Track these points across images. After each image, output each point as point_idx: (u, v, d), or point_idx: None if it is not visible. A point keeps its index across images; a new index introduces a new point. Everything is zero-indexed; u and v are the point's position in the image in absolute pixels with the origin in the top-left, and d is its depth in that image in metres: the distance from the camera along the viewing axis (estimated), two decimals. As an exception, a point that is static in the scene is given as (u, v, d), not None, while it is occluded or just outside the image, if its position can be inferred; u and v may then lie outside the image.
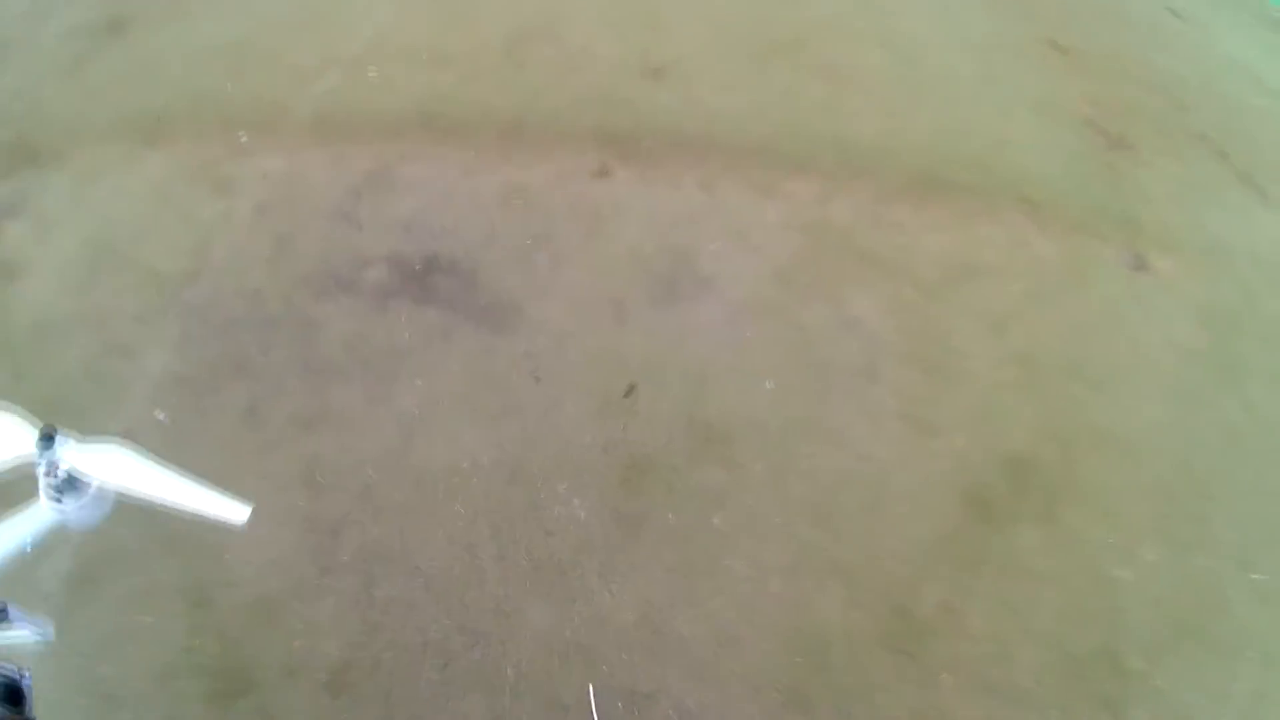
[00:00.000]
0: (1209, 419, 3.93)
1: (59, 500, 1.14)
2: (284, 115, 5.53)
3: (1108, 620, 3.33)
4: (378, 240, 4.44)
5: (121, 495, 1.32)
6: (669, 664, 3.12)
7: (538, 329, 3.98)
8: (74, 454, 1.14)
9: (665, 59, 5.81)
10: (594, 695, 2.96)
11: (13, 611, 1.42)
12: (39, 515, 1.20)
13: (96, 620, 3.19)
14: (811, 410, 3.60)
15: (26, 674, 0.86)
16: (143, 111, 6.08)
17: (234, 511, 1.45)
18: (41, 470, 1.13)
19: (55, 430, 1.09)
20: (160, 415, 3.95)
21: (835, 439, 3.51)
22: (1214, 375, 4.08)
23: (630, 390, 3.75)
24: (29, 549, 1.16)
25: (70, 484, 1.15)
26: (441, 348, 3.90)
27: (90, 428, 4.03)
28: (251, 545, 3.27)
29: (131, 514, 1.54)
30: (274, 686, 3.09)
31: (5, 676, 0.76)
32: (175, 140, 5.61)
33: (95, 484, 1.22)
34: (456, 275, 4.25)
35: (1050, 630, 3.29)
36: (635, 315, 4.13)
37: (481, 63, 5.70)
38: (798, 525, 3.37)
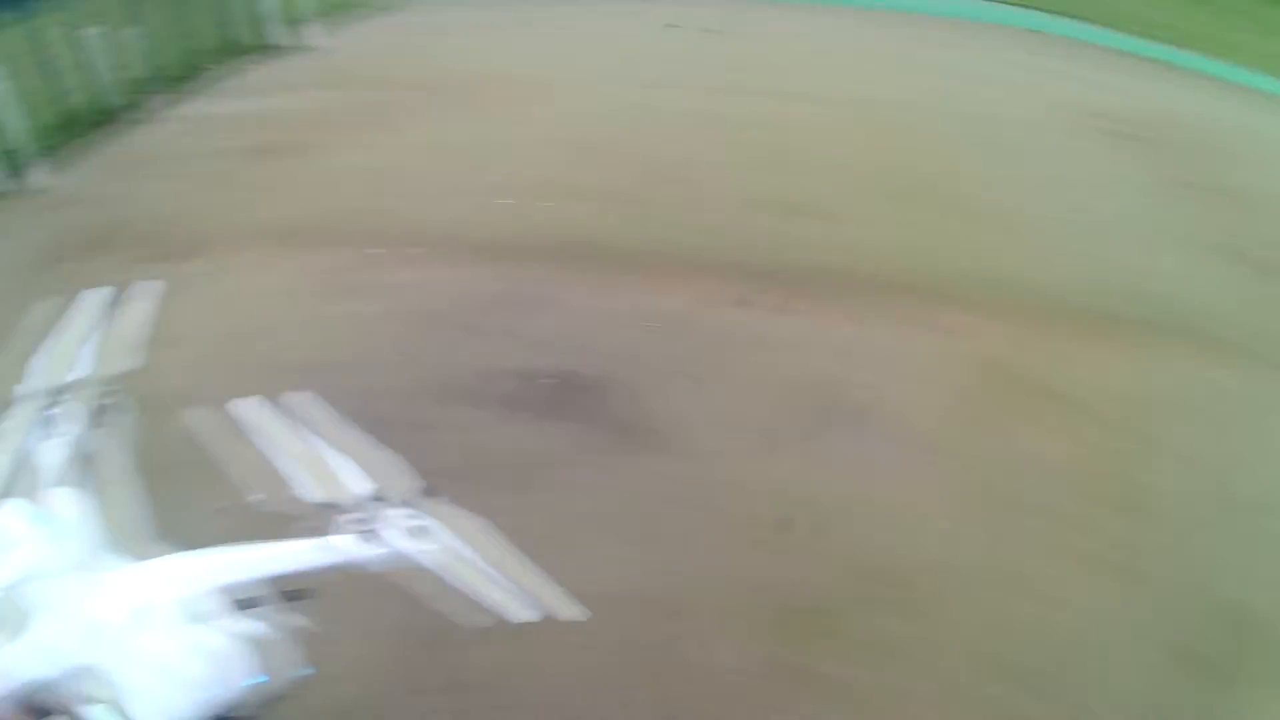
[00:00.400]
0: None
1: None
2: (415, 233, 5.53)
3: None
4: (506, 354, 4.25)
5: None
6: None
7: (681, 452, 3.64)
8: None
9: (801, 197, 5.85)
10: None
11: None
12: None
13: None
14: (994, 553, 3.12)
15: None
16: (279, 222, 6.17)
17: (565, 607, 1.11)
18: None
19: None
20: (261, 495, 3.66)
21: (1023, 585, 3.02)
22: None
23: (786, 523, 3.32)
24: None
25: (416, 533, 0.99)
26: (572, 464, 3.56)
27: (194, 499, 3.81)
28: (341, 650, 2.82)
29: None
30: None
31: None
32: (308, 249, 5.62)
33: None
34: (592, 393, 3.99)
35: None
36: (787, 444, 3.75)
37: (615, 197, 5.73)
38: (989, 683, 2.82)
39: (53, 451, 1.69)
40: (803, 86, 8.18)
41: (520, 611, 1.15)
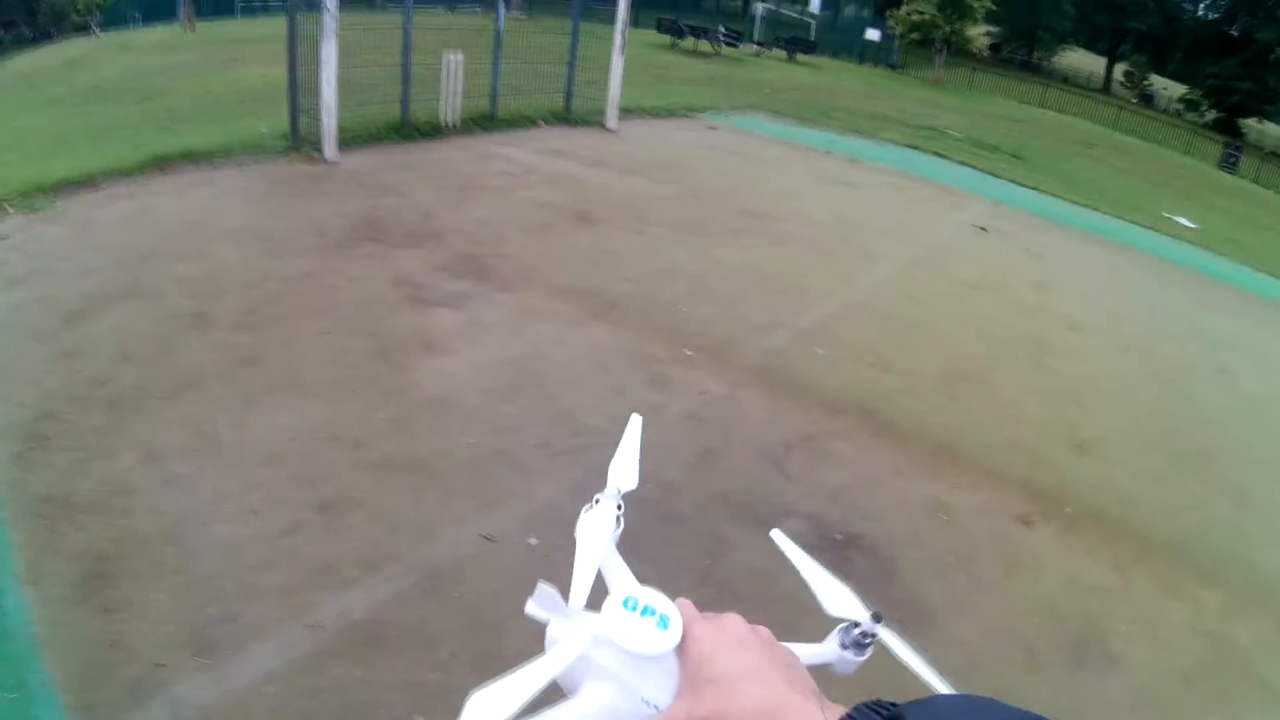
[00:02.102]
0: None
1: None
2: (730, 351, 5.82)
3: None
4: (802, 496, 4.38)
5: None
6: None
7: (949, 644, 3.64)
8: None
9: (1088, 436, 5.78)
10: None
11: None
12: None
13: None
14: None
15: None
16: (597, 289, 6.68)
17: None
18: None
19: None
20: (533, 540, 3.94)
21: None
22: None
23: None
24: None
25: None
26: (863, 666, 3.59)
27: (455, 506, 4.19)
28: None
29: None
30: None
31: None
32: (623, 324, 6.04)
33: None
34: (875, 561, 4.04)
35: None
36: (1045, 669, 3.72)
37: (920, 383, 5.84)
38: None
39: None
40: (1098, 322, 8.09)
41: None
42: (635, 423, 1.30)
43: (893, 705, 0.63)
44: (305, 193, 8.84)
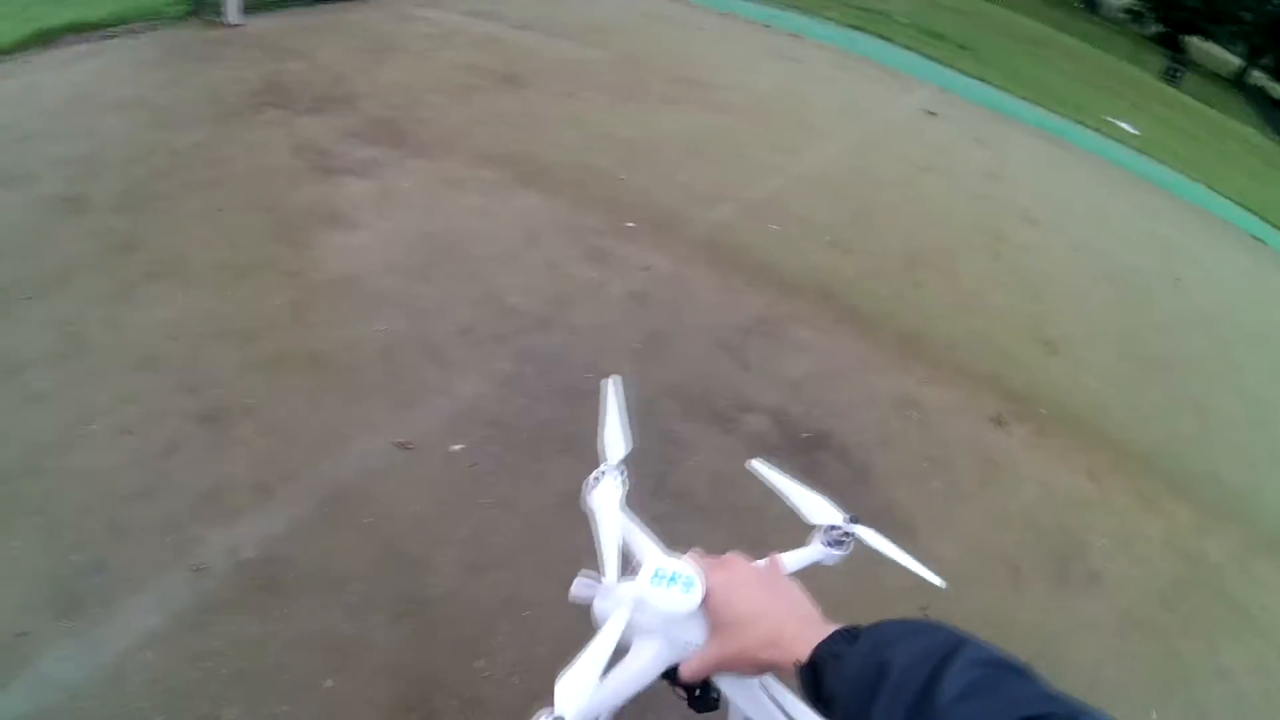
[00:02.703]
0: None
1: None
2: (675, 223, 5.14)
3: None
4: (763, 389, 3.83)
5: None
6: None
7: (932, 560, 3.09)
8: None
9: (1054, 334, 5.42)
10: None
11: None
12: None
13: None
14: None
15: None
16: (524, 156, 5.86)
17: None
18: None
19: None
20: (456, 447, 3.27)
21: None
22: None
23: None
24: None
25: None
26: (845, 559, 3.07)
27: (364, 409, 3.47)
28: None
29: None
30: None
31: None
32: (556, 193, 5.28)
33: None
34: (848, 464, 3.55)
35: None
36: (1029, 588, 3.36)
37: (881, 266, 5.30)
38: None
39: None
40: (1051, 218, 7.76)
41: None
42: (613, 385, 1.45)
43: (856, 628, 0.82)
44: (203, 58, 7.73)
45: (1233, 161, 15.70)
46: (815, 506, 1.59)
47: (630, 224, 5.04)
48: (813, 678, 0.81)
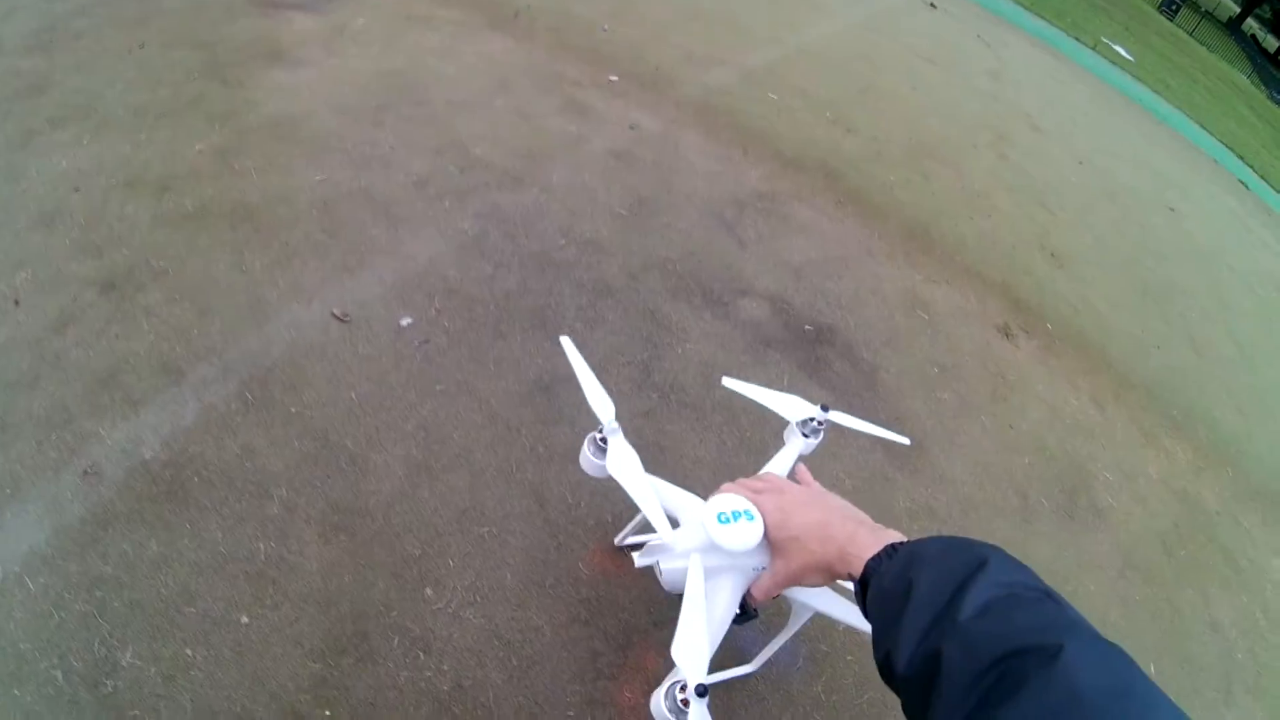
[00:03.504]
0: None
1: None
2: (664, 82, 4.53)
3: None
4: (760, 270, 3.35)
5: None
6: None
7: (939, 479, 2.84)
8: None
9: (1060, 247, 5.00)
10: None
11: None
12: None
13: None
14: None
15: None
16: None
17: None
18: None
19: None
20: (406, 321, 2.73)
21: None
22: None
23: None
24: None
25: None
26: (826, 447, 2.64)
27: (296, 272, 2.90)
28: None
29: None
30: None
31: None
32: (530, 39, 4.61)
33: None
34: (855, 366, 3.11)
35: None
36: (1038, 519, 3.01)
37: (885, 151, 4.77)
38: None
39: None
40: (1054, 127, 7.32)
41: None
42: (568, 343, 1.72)
43: (899, 545, 0.87)
44: None
45: (1222, 103, 15.44)
46: (792, 405, 1.89)
47: (614, 78, 4.43)
48: (861, 591, 0.86)
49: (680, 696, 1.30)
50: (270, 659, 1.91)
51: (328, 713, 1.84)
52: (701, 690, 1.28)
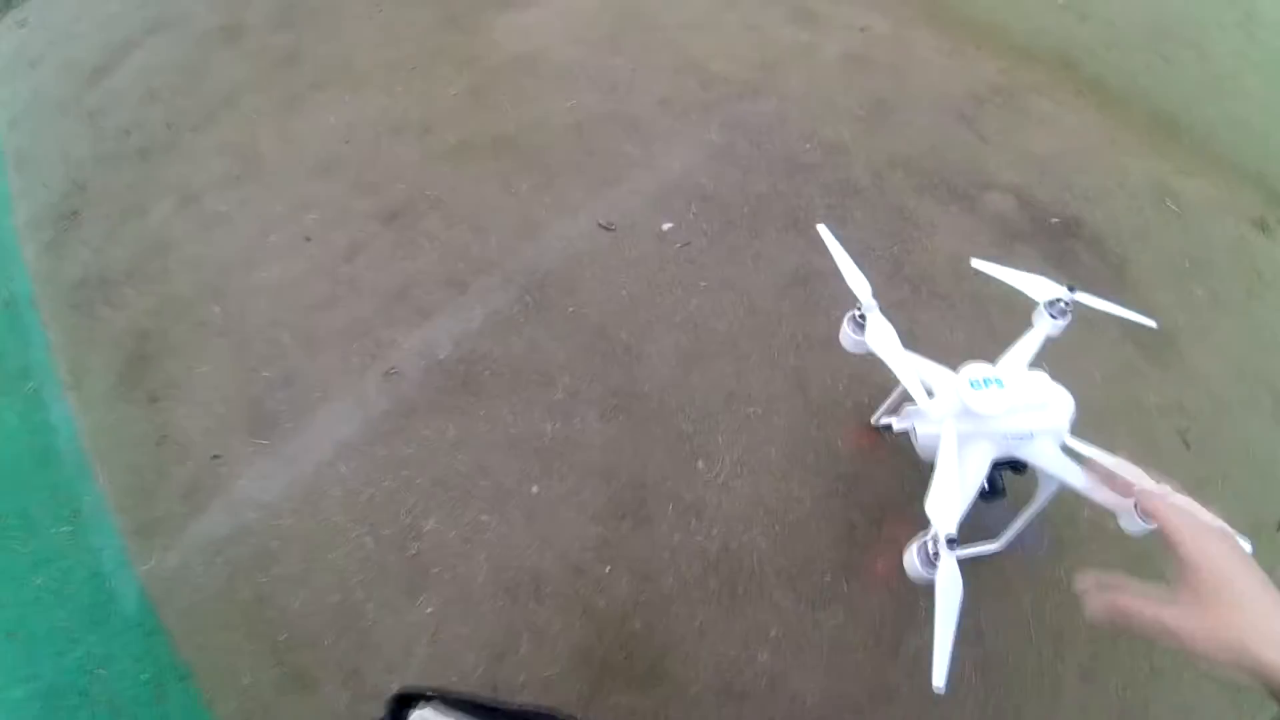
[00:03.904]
0: None
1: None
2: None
3: None
4: (1004, 164, 3.28)
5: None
6: None
7: (1191, 378, 2.73)
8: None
9: None
10: None
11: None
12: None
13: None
14: None
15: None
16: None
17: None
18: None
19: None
20: (667, 226, 2.88)
21: None
22: None
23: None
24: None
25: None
26: (1077, 340, 2.61)
27: (560, 191, 3.10)
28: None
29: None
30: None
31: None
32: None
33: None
34: (1103, 258, 3.02)
35: None
36: None
37: (1123, 35, 4.43)
38: None
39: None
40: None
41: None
42: (825, 230, 1.93)
43: None
44: None
45: None
46: (1040, 286, 1.94)
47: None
48: None
49: (931, 550, 1.43)
50: (557, 523, 2.18)
51: (607, 569, 2.10)
52: (951, 541, 1.42)
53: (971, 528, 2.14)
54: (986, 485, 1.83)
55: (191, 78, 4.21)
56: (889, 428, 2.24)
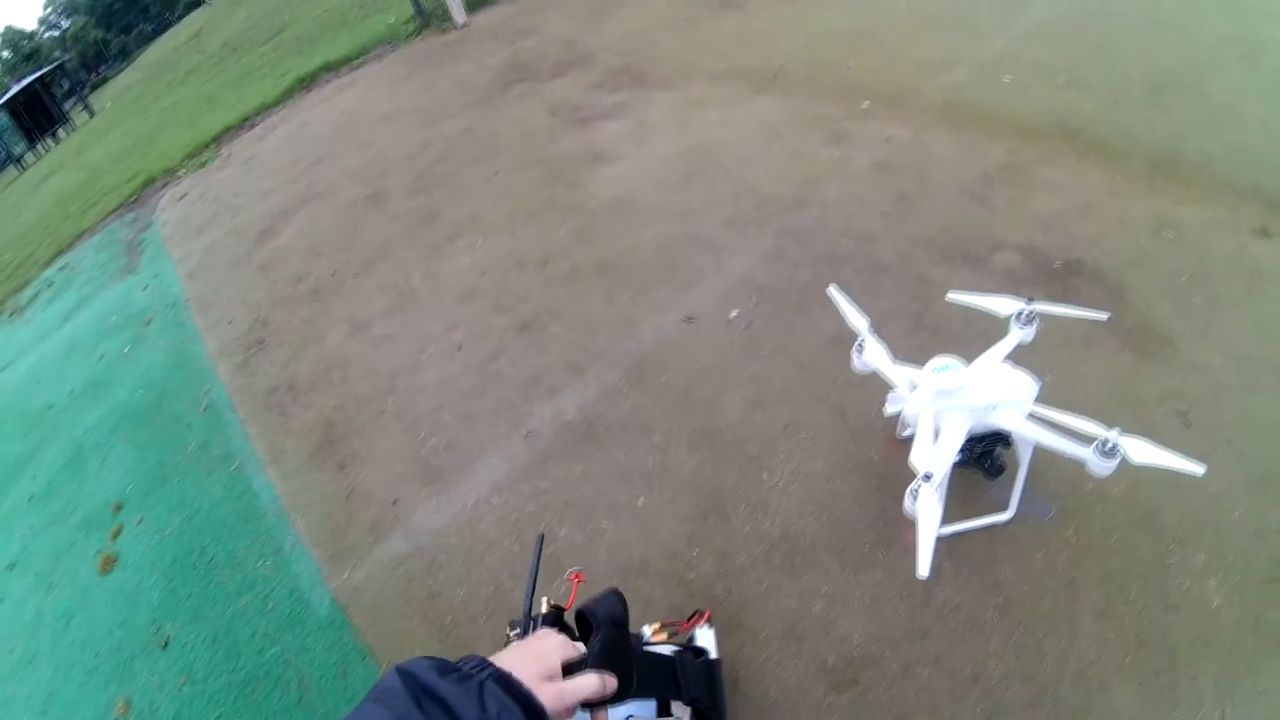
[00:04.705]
0: None
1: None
2: (909, 95, 5.01)
3: None
4: (1011, 228, 3.73)
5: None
6: None
7: (1191, 370, 3.00)
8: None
9: None
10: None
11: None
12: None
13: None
14: None
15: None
16: (755, 67, 5.92)
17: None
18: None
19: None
20: (734, 314, 3.55)
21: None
22: None
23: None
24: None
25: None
26: (1076, 354, 3.06)
27: (651, 297, 3.84)
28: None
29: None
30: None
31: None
32: (789, 93, 5.32)
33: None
34: (1100, 286, 3.40)
35: None
36: None
37: (1123, 97, 4.80)
38: None
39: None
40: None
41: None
42: (834, 292, 2.42)
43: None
44: (445, 61, 8.47)
45: None
46: (1005, 304, 2.33)
47: (865, 104, 5.02)
48: None
49: (915, 487, 1.95)
50: (657, 523, 2.85)
51: (696, 552, 2.73)
52: (927, 476, 1.95)
53: (983, 503, 2.64)
54: (988, 464, 2.36)
55: (347, 236, 5.29)
56: (912, 439, 2.79)
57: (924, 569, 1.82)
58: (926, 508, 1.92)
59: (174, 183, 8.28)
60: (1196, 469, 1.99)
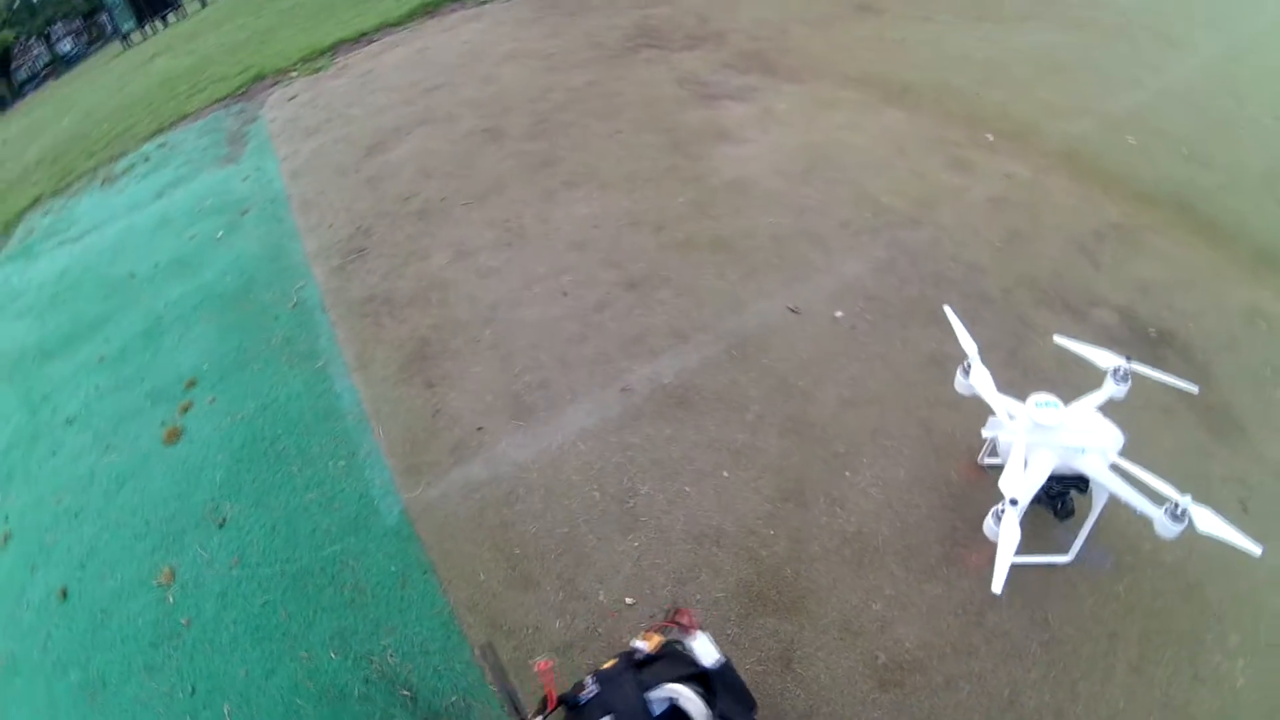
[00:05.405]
0: None
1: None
2: (1032, 134, 4.88)
3: None
4: (1113, 288, 3.68)
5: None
6: None
7: (1258, 460, 3.00)
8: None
9: None
10: None
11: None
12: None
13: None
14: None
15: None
16: (887, 76, 5.78)
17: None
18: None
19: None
20: (839, 314, 3.55)
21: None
22: None
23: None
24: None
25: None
26: (1155, 420, 3.05)
27: (760, 281, 3.82)
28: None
29: None
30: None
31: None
32: (917, 110, 5.20)
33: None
34: (1190, 362, 3.37)
35: None
36: None
37: (1240, 180, 4.64)
38: None
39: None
40: None
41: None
42: (949, 310, 2.51)
43: None
44: (574, 11, 8.26)
45: None
46: (1104, 356, 2.35)
47: (989, 136, 4.91)
48: None
49: (1000, 509, 2.00)
50: (739, 498, 2.85)
51: (771, 532, 2.77)
52: (1013, 501, 2.00)
53: (1044, 542, 2.67)
54: (1059, 505, 2.39)
55: (461, 164, 5.20)
56: (991, 467, 2.82)
57: (998, 586, 1.89)
58: (1009, 530, 1.97)
59: (285, 83, 8.18)
60: (1255, 549, 2.03)
